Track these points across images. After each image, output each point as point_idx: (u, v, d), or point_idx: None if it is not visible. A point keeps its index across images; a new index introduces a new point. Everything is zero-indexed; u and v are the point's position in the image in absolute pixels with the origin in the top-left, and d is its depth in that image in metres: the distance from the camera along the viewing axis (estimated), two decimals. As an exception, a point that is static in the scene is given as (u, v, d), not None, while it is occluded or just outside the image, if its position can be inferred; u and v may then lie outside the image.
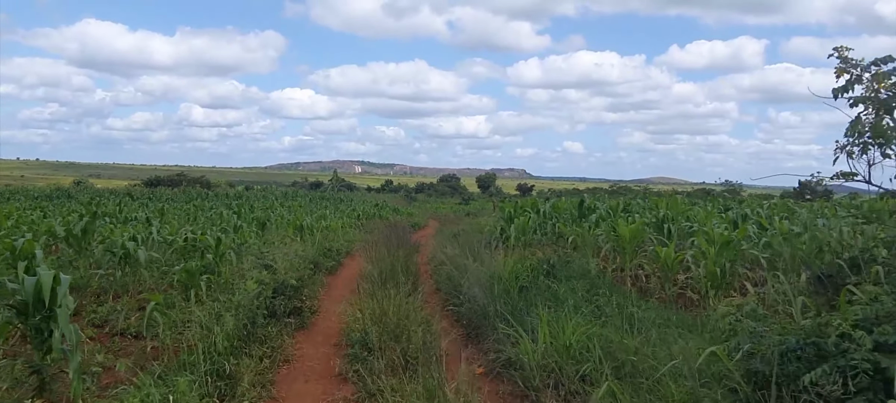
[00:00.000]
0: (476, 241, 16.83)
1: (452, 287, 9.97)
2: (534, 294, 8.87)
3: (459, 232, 18.87)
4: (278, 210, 24.98)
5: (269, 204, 28.17)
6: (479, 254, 10.32)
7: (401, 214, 30.68)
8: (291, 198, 42.70)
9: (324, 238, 17.32)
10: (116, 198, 32.25)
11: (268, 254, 9.84)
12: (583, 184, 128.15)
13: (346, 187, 75.06)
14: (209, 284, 8.29)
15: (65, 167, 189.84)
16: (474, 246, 14.26)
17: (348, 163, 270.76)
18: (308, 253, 12.70)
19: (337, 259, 14.38)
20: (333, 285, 12.06)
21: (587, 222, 12.92)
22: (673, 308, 8.83)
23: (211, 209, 19.60)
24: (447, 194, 76.37)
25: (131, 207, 23.42)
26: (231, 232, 13.77)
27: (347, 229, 20.39)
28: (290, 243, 13.73)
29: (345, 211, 26.00)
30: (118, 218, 15.87)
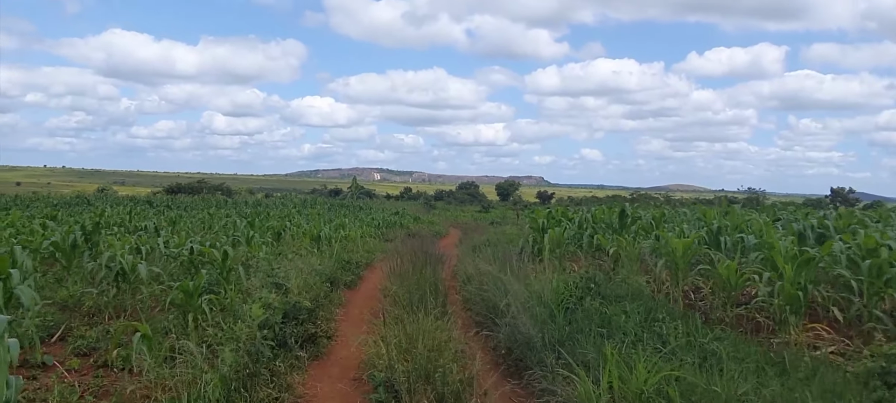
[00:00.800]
0: (505, 253, 15.61)
1: (486, 307, 8.77)
2: (581, 317, 7.65)
3: (485, 243, 17.65)
4: (296, 218, 23.96)
5: (287, 213, 27.18)
6: (516, 270, 9.08)
7: (422, 223, 29.54)
8: (310, 205, 41.74)
9: (342, 249, 16.20)
10: (132, 206, 31.46)
11: (279, 271, 8.70)
12: (601, 192, 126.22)
13: (366, 195, 74.15)
14: (212, 306, 7.18)
15: (90, 174, 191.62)
16: (505, 259, 13.05)
17: (367, 170, 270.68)
18: (325, 266, 11.59)
19: (356, 272, 13.25)
20: (353, 302, 10.91)
21: (629, 233, 11.66)
22: (743, 334, 7.56)
23: (226, 217, 18.61)
24: (466, 202, 75.09)
25: (145, 215, 22.54)
26: (243, 243, 12.70)
27: (367, 239, 19.28)
28: (305, 255, 12.62)
29: (364, 220, 24.92)
30: (127, 228, 14.89)
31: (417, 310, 7.24)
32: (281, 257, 11.95)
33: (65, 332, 7.58)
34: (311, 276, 9.66)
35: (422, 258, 10.28)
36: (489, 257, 13.30)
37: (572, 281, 8.83)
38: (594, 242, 11.68)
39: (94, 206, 32.59)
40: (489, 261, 10.99)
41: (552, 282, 8.12)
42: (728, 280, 8.43)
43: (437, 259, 11.32)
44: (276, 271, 8.58)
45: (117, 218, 16.93)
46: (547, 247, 12.04)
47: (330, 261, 12.68)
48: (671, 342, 6.60)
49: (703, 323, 7.67)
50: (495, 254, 13.53)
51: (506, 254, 13.86)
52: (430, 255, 10.99)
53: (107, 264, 8.23)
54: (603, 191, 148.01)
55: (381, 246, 19.17)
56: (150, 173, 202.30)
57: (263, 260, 9.46)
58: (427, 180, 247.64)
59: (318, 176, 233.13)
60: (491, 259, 11.93)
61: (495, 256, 13.02)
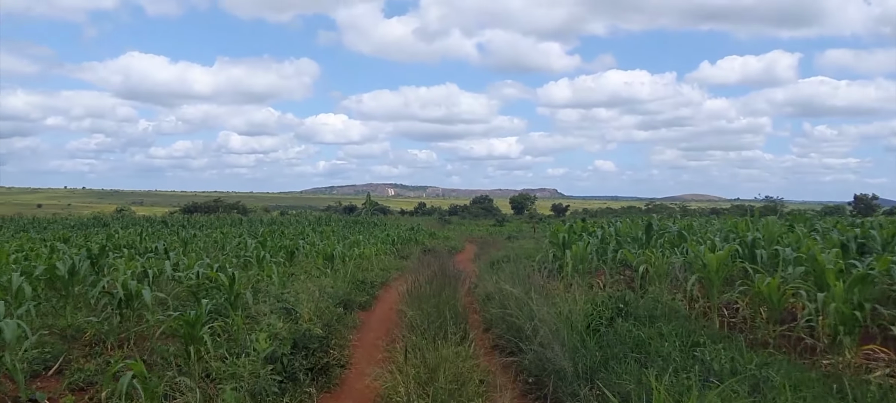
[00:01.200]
0: (524, 270, 14.99)
1: (509, 329, 8.17)
2: (612, 341, 7.05)
3: (504, 259, 17.04)
4: (310, 236, 23.51)
5: (301, 231, 26.73)
6: (542, 290, 8.47)
7: (437, 238, 28.98)
8: (325, 223, 41.35)
9: (357, 267, 15.67)
10: (147, 227, 31.18)
11: (289, 295, 8.17)
12: (615, 203, 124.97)
13: (380, 211, 73.81)
14: (217, 335, 6.67)
15: (110, 195, 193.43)
16: (524, 276, 12.45)
17: (381, 186, 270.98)
18: (338, 287, 11.06)
19: (371, 292, 12.71)
20: (368, 325, 10.36)
21: (656, 247, 11.02)
22: (788, 355, 6.91)
23: (239, 237, 18.18)
24: (481, 216, 74.46)
25: (160, 236, 22.20)
26: (254, 264, 12.21)
27: (382, 256, 18.76)
28: (318, 276, 12.10)
29: (379, 237, 24.40)
30: (137, 250, 14.49)
31: (437, 337, 6.68)
32: (292, 278, 11.45)
33: (63, 364, 7.11)
34: (324, 299, 9.13)
35: (440, 278, 9.69)
36: (509, 274, 12.72)
37: (600, 301, 8.23)
38: (619, 257, 11.05)
39: (109, 228, 32.42)
40: (510, 279, 10.39)
41: (580, 303, 7.52)
42: (769, 297, 7.79)
43: (455, 277, 10.74)
44: (286, 295, 8.05)
45: (128, 239, 16.56)
46: (570, 264, 11.43)
47: (343, 282, 12.16)
48: (716, 368, 5.98)
49: (752, 349, 7.02)
50: (515, 271, 12.94)
51: (527, 272, 13.26)
52: (449, 274, 10.40)
53: (107, 290, 7.75)
54: (617, 202, 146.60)
55: (397, 264, 18.62)
56: (167, 193, 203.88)
57: (275, 283, 8.93)
58: (441, 195, 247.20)
59: (332, 192, 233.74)
60: (511, 276, 11.34)
61: (516, 273, 12.43)
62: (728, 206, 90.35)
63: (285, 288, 9.04)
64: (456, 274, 11.09)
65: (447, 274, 10.33)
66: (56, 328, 8.10)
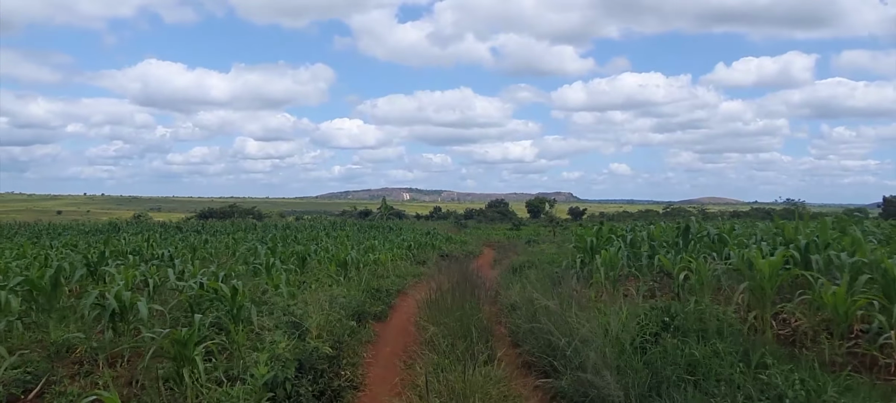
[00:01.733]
0: (554, 277, 14.12)
1: (541, 345, 7.32)
2: (659, 359, 6.18)
3: (526, 264, 16.17)
4: (324, 242, 22.80)
5: (315, 236, 26.05)
6: (581, 302, 7.60)
7: (454, 243, 28.16)
8: (340, 227, 40.67)
9: (372, 274, 14.89)
10: (159, 232, 30.70)
11: (297, 306, 7.38)
12: (632, 206, 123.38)
13: (396, 215, 73.12)
14: (214, 354, 5.89)
15: (128, 201, 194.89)
16: (555, 284, 11.60)
17: (397, 190, 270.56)
18: (352, 297, 10.28)
19: (387, 301, 11.91)
20: (383, 338, 9.56)
21: (694, 252, 10.12)
22: (856, 375, 6.00)
23: (249, 242, 17.43)
24: (497, 220, 73.45)
25: (170, 241, 21.60)
26: (263, 271, 11.47)
27: (398, 262, 17.97)
28: (330, 285, 11.33)
29: (394, 242, 23.62)
30: (143, 256, 13.83)
31: (463, 358, 5.85)
32: (303, 287, 10.68)
33: (45, 386, 6.37)
34: (335, 311, 8.34)
35: (462, 287, 8.85)
36: (536, 282, 11.86)
37: (643, 313, 7.35)
38: (655, 263, 10.15)
39: (123, 233, 31.97)
40: (539, 288, 9.54)
41: (623, 316, 6.65)
42: (835, 308, 6.88)
43: (477, 285, 9.90)
44: (294, 307, 7.26)
45: (135, 245, 15.92)
46: (601, 270, 10.55)
47: (357, 290, 11.37)
48: (790, 396, 5.10)
49: (828, 370, 6.11)
50: (541, 278, 12.08)
51: (559, 278, 12.40)
52: (471, 282, 9.56)
53: (97, 302, 7.02)
54: (633, 205, 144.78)
55: (414, 270, 17.82)
56: (185, 198, 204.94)
57: (279, 295, 8.14)
58: (456, 198, 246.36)
59: (348, 197, 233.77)
60: (540, 285, 10.49)
61: (542, 280, 11.57)
62: (747, 209, 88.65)
63: (294, 299, 8.26)
64: (479, 283, 10.24)
65: (470, 283, 9.48)
66: (46, 343, 7.40)
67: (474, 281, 9.96)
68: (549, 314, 7.12)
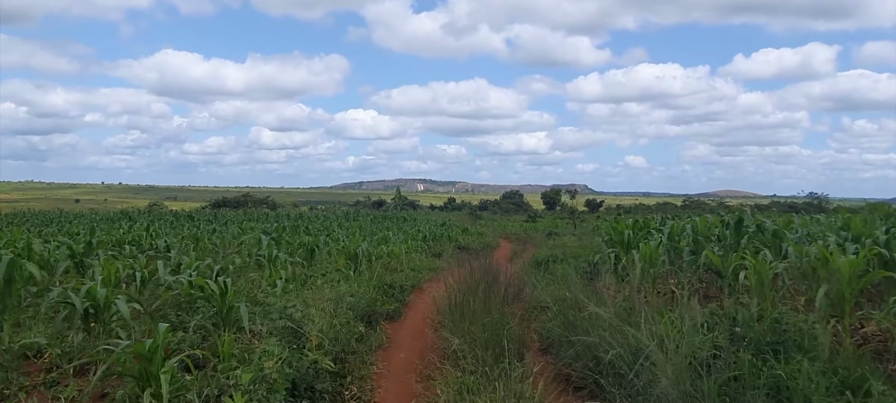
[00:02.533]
0: (578, 273, 12.95)
1: (581, 354, 6.18)
2: (731, 381, 5.02)
3: (550, 259, 15.01)
4: (335, 232, 21.78)
5: (326, 226, 25.06)
6: (639, 309, 6.40)
7: (470, 235, 27.04)
8: (353, 218, 39.70)
9: (384, 268, 13.82)
10: (169, 221, 29.90)
11: (297, 309, 6.30)
12: (648, 199, 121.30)
13: (409, 205, 72.08)
14: (191, 369, 4.82)
15: (145, 190, 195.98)
16: (581, 279, 10.42)
17: (411, 181, 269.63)
18: (362, 294, 9.20)
19: (401, 298, 10.82)
20: (396, 341, 8.47)
21: (748, 248, 8.90)
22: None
23: (254, 233, 16.37)
24: (512, 211, 72.15)
25: (176, 231, 20.69)
26: (266, 264, 10.42)
27: (413, 254, 16.88)
28: (339, 281, 10.27)
29: (409, 233, 22.54)
30: (141, 247, 12.86)
31: (492, 374, 4.73)
32: (309, 282, 9.62)
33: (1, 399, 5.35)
34: (342, 312, 7.25)
35: (486, 286, 7.72)
36: (565, 278, 10.69)
37: (702, 320, 6.18)
38: (701, 260, 8.95)
39: (130, 222, 31.22)
40: (572, 286, 8.38)
41: (686, 325, 5.47)
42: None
43: (506, 285, 8.78)
44: (292, 310, 6.17)
45: (135, 235, 14.96)
46: (638, 267, 9.36)
47: (368, 286, 10.29)
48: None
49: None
50: (571, 274, 10.91)
51: (589, 275, 11.28)
52: (496, 281, 8.44)
53: (65, 300, 6.00)
54: (649, 198, 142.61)
55: (430, 263, 16.72)
56: (201, 188, 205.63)
57: (274, 295, 7.04)
58: (470, 190, 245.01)
59: (362, 188, 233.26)
60: (569, 281, 9.32)
61: (570, 277, 10.39)
62: (766, 202, 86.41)
63: (295, 299, 7.17)
64: (507, 282, 9.11)
65: (496, 281, 8.34)
66: (13, 347, 6.39)
67: (500, 281, 8.81)
68: (594, 321, 5.96)
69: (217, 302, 6.38)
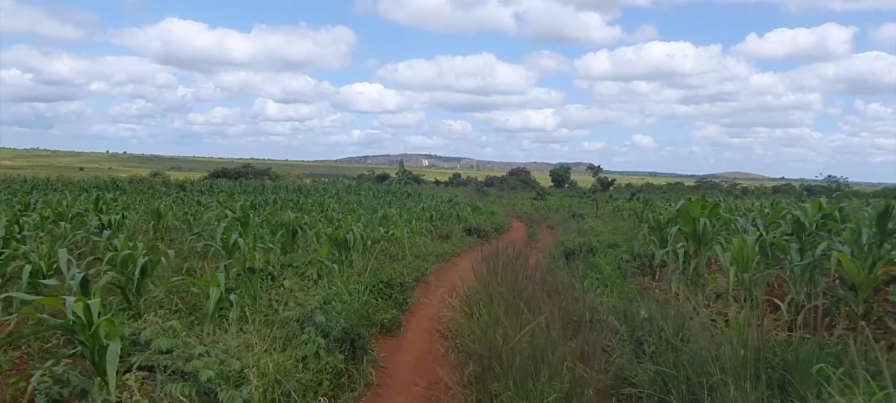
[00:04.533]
0: (622, 268, 10.25)
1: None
2: None
3: (582, 248, 12.29)
4: (332, 208, 19.07)
5: (321, 201, 22.37)
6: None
7: (481, 213, 24.32)
8: (354, 191, 36.95)
9: (383, 255, 11.17)
10: (154, 190, 27.24)
11: (231, 348, 3.60)
12: (656, 179, 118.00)
13: (414, 180, 69.24)
14: None
15: (150, 160, 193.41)
16: (644, 291, 7.73)
17: (416, 156, 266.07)
18: (349, 301, 6.52)
19: (401, 299, 8.15)
20: (394, 371, 5.80)
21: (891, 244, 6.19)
22: None
23: (223, 207, 13.56)
24: (518, 188, 69.21)
25: (151, 203, 18.03)
26: (222, 253, 7.73)
27: (417, 237, 14.19)
28: (317, 278, 7.57)
29: (413, 211, 19.83)
30: (83, 223, 10.23)
31: None
32: (274, 285, 6.95)
33: None
34: (307, 340, 4.57)
35: (526, 304, 5.01)
36: (612, 280, 8.01)
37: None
38: (833, 267, 6.16)
39: (124, 192, 28.61)
40: (645, 301, 5.68)
41: None
42: None
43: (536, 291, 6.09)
44: (206, 359, 3.47)
45: (82, 208, 12.27)
46: (731, 273, 6.62)
47: (359, 284, 7.61)
48: None
49: None
50: (615, 274, 8.23)
51: (641, 270, 8.63)
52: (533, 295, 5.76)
53: None
54: (656, 178, 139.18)
55: (436, 248, 14.04)
56: (206, 159, 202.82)
57: (171, 340, 4.25)
58: (475, 166, 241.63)
59: (367, 162, 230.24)
60: (623, 286, 6.60)
61: (631, 281, 7.68)
62: (780, 185, 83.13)
63: (232, 327, 4.47)
64: (547, 285, 6.42)
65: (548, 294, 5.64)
66: None
67: (535, 290, 6.12)
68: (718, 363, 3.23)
69: (84, 333, 3.70)
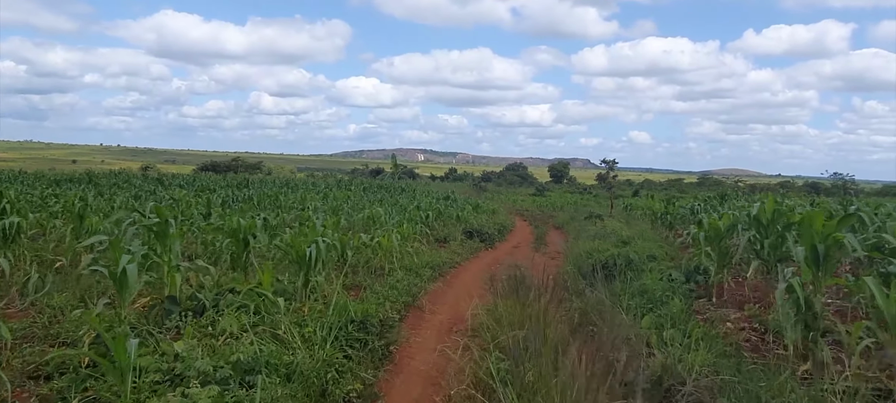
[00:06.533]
0: (676, 293, 7.68)
1: None
2: None
3: (617, 259, 9.69)
4: (313, 205, 16.42)
5: (304, 196, 19.70)
6: None
7: (482, 212, 21.68)
8: (345, 187, 34.24)
9: (365, 271, 8.59)
10: (130, 185, 24.51)
11: None
12: (654, 176, 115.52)
13: (408, 175, 66.46)
14: None
15: (143, 153, 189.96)
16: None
17: (411, 151, 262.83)
18: (295, 366, 3.91)
19: (381, 348, 5.52)
20: None
21: None
22: None
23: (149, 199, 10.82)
24: (516, 183, 66.56)
25: (113, 197, 15.38)
26: (109, 276, 5.08)
27: (408, 243, 11.56)
28: (252, 325, 4.92)
29: (407, 209, 17.19)
30: None
31: None
32: (197, 327, 4.33)
33: None
34: None
35: None
36: (680, 317, 5.43)
37: None
38: None
39: (97, 186, 25.84)
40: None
41: None
42: None
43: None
44: None
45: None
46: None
47: (321, 329, 4.99)
48: None
49: None
50: (681, 310, 5.66)
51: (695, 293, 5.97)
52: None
53: None
54: (653, 174, 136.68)
55: (431, 257, 11.42)
56: (200, 152, 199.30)
57: None
58: (471, 161, 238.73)
59: (362, 156, 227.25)
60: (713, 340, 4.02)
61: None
62: (776, 183, 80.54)
63: None
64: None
65: None
66: None
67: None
68: None
69: None
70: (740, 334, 6.53)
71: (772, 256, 8.19)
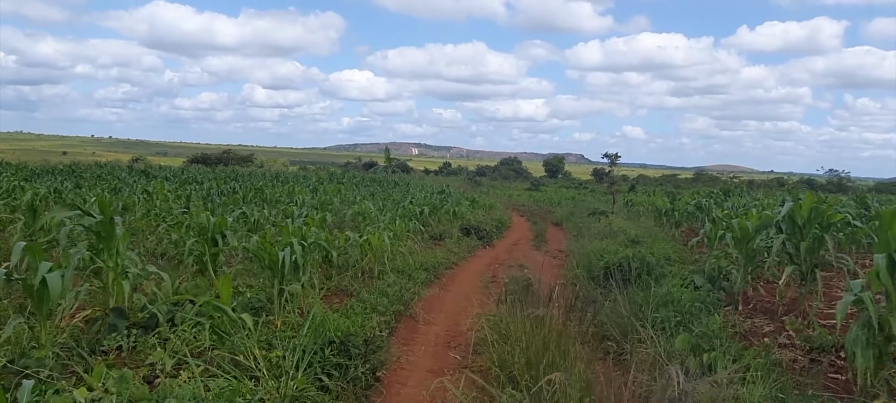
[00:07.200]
0: (705, 304, 6.78)
1: None
2: None
3: (629, 261, 8.74)
4: (301, 200, 15.42)
5: (292, 190, 18.69)
6: None
7: (479, 208, 20.70)
8: (337, 180, 33.18)
9: (352, 276, 7.64)
10: (134, 177, 23.35)
11: None
12: (647, 171, 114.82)
13: (401, 168, 65.37)
14: None
15: (135, 145, 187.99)
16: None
17: (405, 144, 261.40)
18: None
19: (366, 375, 4.56)
20: None
21: None
22: None
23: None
24: (511, 178, 65.57)
25: (91, 191, 14.34)
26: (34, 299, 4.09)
27: (400, 242, 10.59)
28: (212, 352, 3.93)
29: (400, 204, 16.21)
30: None
31: None
32: (145, 348, 3.32)
33: None
34: None
35: None
36: (707, 335, 4.52)
37: None
38: None
39: (81, 178, 24.65)
40: None
41: None
42: None
43: None
44: None
45: None
46: None
47: (289, 355, 4.02)
48: None
49: None
50: (711, 330, 4.75)
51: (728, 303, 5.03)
52: None
53: None
54: (647, 170, 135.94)
55: (426, 258, 10.46)
56: (192, 144, 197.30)
57: None
58: (465, 155, 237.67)
59: (356, 150, 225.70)
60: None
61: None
62: (769, 179, 79.96)
63: None
64: None
65: None
66: None
67: None
68: None
69: None
70: (784, 353, 5.63)
71: (808, 261, 7.30)
